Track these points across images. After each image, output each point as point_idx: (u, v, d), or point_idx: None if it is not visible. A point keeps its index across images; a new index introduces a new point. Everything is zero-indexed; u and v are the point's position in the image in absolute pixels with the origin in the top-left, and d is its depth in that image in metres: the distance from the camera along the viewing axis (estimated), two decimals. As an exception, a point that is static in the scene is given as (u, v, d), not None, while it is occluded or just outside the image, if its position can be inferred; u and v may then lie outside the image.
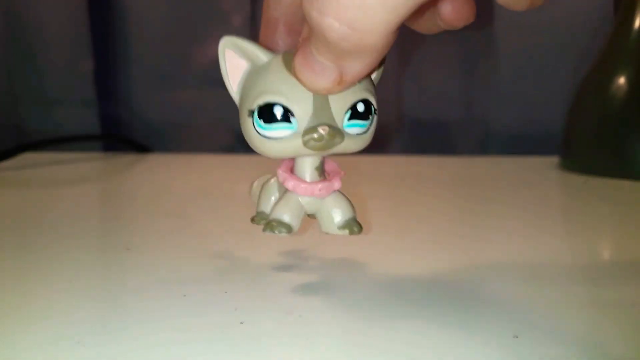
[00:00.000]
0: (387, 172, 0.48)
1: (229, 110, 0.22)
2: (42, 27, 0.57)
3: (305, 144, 0.18)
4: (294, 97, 0.17)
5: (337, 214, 0.20)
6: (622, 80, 0.42)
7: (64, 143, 0.53)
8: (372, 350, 0.15)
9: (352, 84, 0.17)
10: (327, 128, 0.18)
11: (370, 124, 0.19)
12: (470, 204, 0.36)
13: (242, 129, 0.19)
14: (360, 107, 0.18)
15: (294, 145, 0.18)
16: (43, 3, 0.57)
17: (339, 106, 0.18)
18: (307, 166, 0.20)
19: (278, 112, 0.18)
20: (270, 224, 0.19)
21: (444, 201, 0.36)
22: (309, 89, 0.17)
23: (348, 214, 0.20)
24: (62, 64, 0.58)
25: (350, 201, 0.20)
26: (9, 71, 0.59)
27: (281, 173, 0.20)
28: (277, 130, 0.18)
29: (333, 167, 0.21)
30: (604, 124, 0.43)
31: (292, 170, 0.20)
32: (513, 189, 0.40)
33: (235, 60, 0.19)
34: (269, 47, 0.19)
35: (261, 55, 0.18)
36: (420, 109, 0.58)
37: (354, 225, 0.20)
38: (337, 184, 0.20)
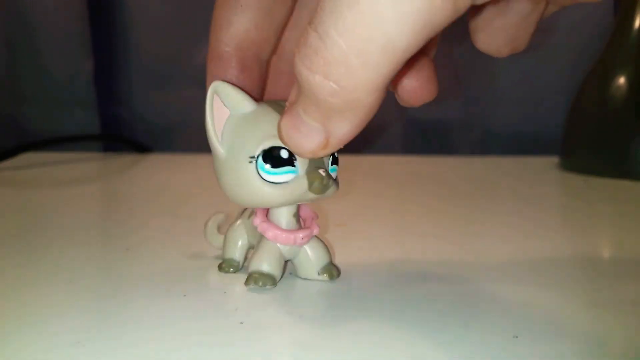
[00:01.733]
0: (387, 172, 0.48)
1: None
2: (42, 27, 0.57)
3: (310, 186, 0.18)
4: None
5: (315, 259, 0.20)
6: (622, 80, 0.42)
7: (64, 143, 0.53)
8: (372, 350, 0.15)
9: (338, 147, 0.16)
10: (325, 171, 0.18)
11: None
12: (470, 204, 0.36)
13: (229, 180, 0.18)
14: (336, 153, 0.19)
15: (298, 190, 0.18)
16: (43, 3, 0.57)
17: None
18: (285, 214, 0.20)
19: (284, 155, 0.18)
20: (253, 277, 0.19)
21: (444, 201, 0.36)
22: (295, 151, 0.17)
23: (326, 259, 0.20)
24: (62, 64, 0.58)
25: (326, 245, 0.21)
26: (9, 71, 0.59)
27: (260, 223, 0.20)
28: (283, 175, 0.18)
29: (308, 212, 0.21)
30: (604, 124, 0.43)
31: (267, 219, 0.20)
32: (513, 189, 0.40)
33: (220, 107, 0.18)
34: None
35: (249, 103, 0.18)
36: (420, 109, 0.58)
37: (333, 269, 0.20)
38: (316, 230, 0.20)
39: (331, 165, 0.19)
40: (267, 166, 0.18)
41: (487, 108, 0.57)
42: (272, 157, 0.18)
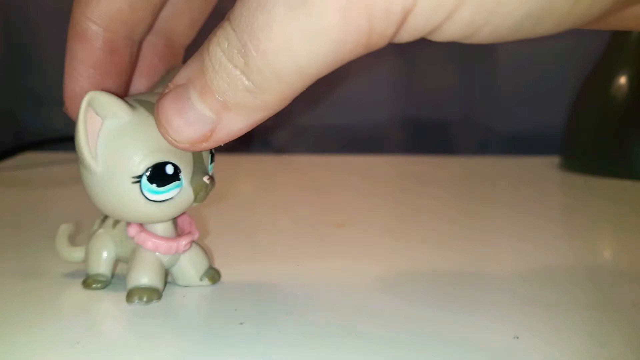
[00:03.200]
0: (387, 172, 0.48)
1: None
2: (42, 27, 0.57)
3: (196, 197, 0.17)
4: (177, 150, 0.16)
5: (197, 265, 0.19)
6: (622, 80, 0.42)
7: (63, 143, 0.53)
8: (372, 350, 0.15)
9: (220, 142, 0.15)
10: (208, 177, 0.17)
11: None
12: (470, 204, 0.36)
13: (108, 199, 0.17)
14: (213, 149, 0.18)
15: (185, 202, 0.17)
16: (43, 3, 0.57)
17: (205, 152, 0.17)
18: (167, 222, 0.19)
19: (170, 170, 0.16)
20: (137, 293, 0.18)
21: (444, 201, 0.36)
22: (169, 139, 0.15)
23: (206, 264, 0.20)
24: (62, 64, 0.58)
25: (204, 250, 0.20)
26: (9, 71, 0.59)
27: (137, 234, 0.18)
28: (170, 192, 0.17)
29: (184, 217, 0.20)
30: (604, 123, 0.43)
31: (143, 228, 0.18)
32: (514, 189, 0.40)
33: (92, 117, 0.16)
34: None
35: (126, 112, 0.16)
36: (420, 109, 0.58)
37: (214, 273, 0.20)
38: (196, 235, 0.19)
39: (211, 163, 0.18)
40: (153, 186, 0.16)
41: (487, 108, 0.57)
42: (157, 175, 0.16)
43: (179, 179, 0.17)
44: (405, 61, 0.56)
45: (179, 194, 0.17)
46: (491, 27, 0.12)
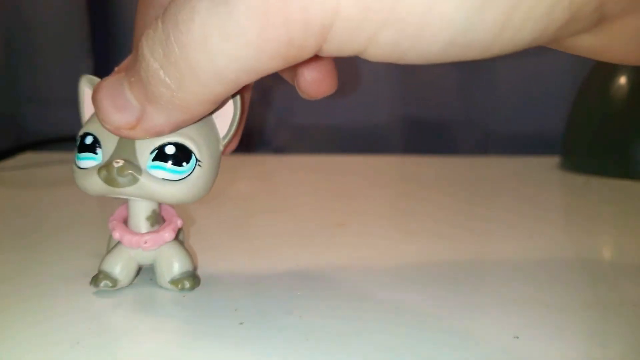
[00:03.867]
0: (387, 172, 0.48)
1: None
2: (42, 27, 0.57)
3: (99, 173, 0.17)
4: (105, 130, 0.17)
5: (169, 268, 0.19)
6: (622, 80, 0.42)
7: (63, 143, 0.53)
8: (371, 350, 0.15)
9: (146, 134, 0.16)
10: (120, 162, 0.17)
11: (189, 173, 0.17)
12: (470, 204, 0.36)
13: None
14: (169, 150, 0.17)
15: (94, 178, 0.17)
16: (43, 3, 0.57)
17: (144, 144, 0.17)
18: (137, 215, 0.19)
19: (88, 141, 0.17)
20: (95, 276, 0.19)
21: (443, 201, 0.36)
22: (100, 120, 0.16)
23: (180, 268, 0.19)
24: (62, 64, 0.58)
25: (187, 252, 0.20)
26: (9, 71, 0.59)
27: (111, 221, 0.19)
28: (84, 160, 0.18)
29: (169, 216, 0.20)
30: (604, 123, 0.43)
31: (126, 220, 0.19)
32: (513, 189, 0.40)
33: (88, 93, 0.18)
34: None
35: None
36: (420, 109, 0.58)
37: (187, 280, 0.19)
38: (167, 235, 0.19)
39: (154, 161, 0.17)
40: (77, 151, 0.18)
41: (487, 108, 0.57)
42: (81, 143, 0.18)
43: (95, 153, 0.18)
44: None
45: (92, 167, 0.17)
46: (417, 52, 0.12)
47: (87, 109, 0.19)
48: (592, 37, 0.13)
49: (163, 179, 0.17)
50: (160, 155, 0.17)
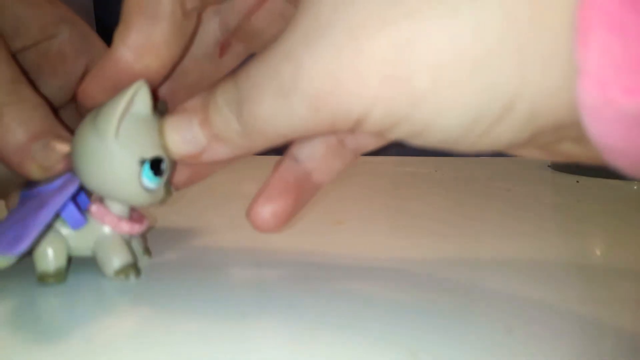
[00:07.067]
0: (384, 172, 0.48)
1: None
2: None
3: (165, 195, 0.20)
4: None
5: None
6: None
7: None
8: (371, 349, 0.15)
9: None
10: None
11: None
12: (462, 203, 0.36)
13: (108, 175, 0.18)
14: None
15: (159, 197, 0.20)
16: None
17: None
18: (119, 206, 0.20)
19: (163, 166, 0.19)
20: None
21: (438, 201, 0.36)
22: (169, 149, 0.18)
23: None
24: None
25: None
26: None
27: (90, 205, 0.20)
28: (158, 184, 0.19)
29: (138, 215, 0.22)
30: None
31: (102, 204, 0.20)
32: (505, 189, 0.40)
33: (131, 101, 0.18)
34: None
35: (150, 108, 0.19)
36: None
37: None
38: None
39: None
40: (152, 173, 0.19)
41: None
42: (156, 165, 0.19)
43: (162, 177, 0.19)
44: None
45: (160, 189, 0.20)
46: (420, 141, 0.15)
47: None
48: (575, 146, 0.15)
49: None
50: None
